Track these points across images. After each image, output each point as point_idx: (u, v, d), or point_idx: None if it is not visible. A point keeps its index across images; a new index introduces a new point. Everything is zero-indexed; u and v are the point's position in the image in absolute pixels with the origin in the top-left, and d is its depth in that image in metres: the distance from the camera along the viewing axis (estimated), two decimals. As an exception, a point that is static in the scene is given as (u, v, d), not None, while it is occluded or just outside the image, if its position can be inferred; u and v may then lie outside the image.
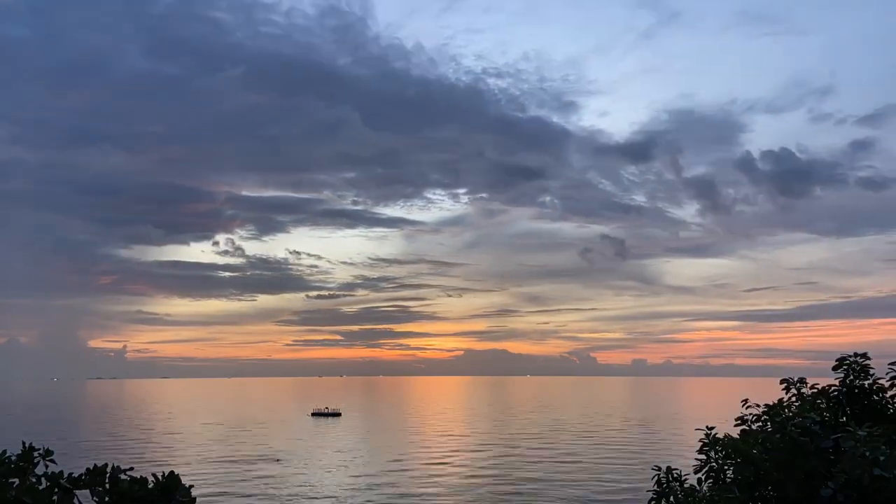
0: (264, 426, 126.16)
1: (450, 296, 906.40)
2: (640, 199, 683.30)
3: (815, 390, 10.60)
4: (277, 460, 78.00)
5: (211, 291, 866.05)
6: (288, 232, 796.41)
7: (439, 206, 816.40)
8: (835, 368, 10.47)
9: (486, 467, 72.98)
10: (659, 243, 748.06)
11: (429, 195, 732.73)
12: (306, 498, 56.48)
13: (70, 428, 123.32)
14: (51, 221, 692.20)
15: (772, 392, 11.10)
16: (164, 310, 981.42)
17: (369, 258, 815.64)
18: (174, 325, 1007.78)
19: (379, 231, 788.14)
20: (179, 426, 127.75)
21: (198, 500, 6.94)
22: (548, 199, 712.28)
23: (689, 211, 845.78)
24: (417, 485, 62.53)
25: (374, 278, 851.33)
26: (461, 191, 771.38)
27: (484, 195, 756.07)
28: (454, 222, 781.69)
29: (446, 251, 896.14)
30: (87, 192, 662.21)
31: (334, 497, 56.49)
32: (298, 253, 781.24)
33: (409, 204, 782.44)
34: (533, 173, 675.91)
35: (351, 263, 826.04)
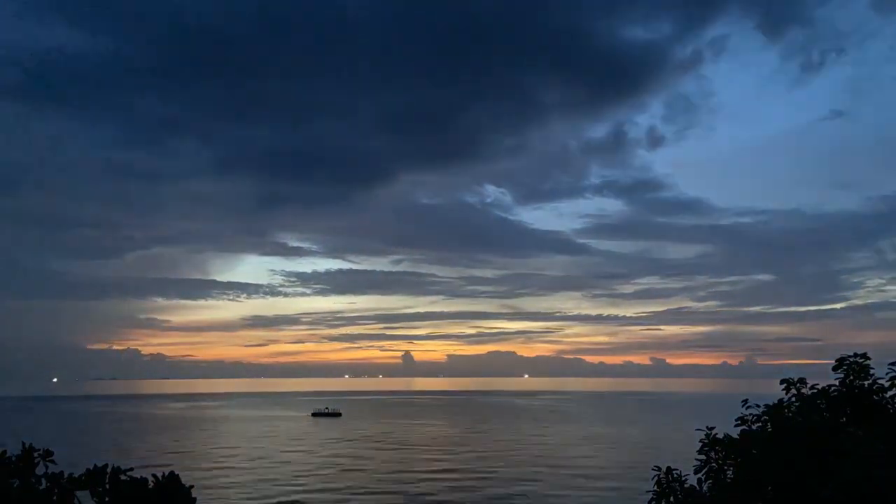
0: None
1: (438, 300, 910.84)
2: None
3: (816, 390, 10.58)
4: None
5: (210, 295, 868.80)
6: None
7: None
8: (835, 369, 10.45)
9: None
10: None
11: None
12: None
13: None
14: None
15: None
16: (165, 313, 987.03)
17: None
18: (174, 327, 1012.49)
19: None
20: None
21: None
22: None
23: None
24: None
25: (369, 282, 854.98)
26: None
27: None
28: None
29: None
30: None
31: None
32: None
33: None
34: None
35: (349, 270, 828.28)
